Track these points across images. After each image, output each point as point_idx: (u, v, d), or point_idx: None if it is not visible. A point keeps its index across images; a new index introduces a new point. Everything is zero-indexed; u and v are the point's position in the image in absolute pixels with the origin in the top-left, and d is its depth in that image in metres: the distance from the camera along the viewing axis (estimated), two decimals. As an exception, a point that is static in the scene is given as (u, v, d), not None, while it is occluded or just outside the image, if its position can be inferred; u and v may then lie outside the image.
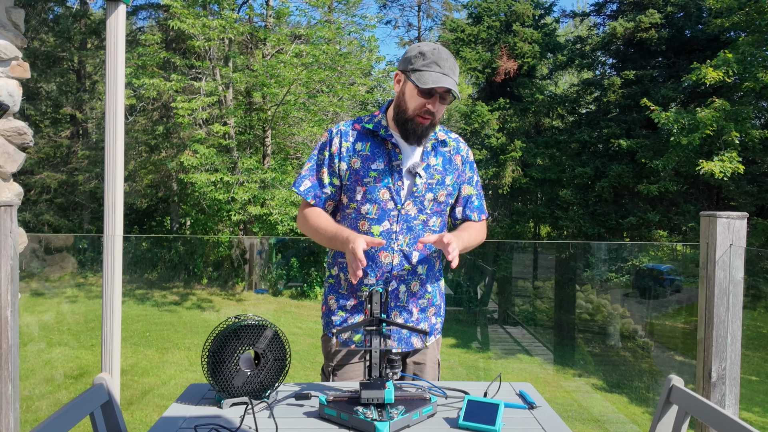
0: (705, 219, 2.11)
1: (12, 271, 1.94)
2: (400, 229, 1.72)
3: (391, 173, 1.73)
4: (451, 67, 1.66)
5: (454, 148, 1.84)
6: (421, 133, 1.71)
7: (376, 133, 1.77)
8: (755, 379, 8.67)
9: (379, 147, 1.76)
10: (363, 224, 1.74)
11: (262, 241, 13.18)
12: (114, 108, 3.07)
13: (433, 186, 1.76)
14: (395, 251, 1.72)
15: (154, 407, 6.05)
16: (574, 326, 10.95)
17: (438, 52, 1.67)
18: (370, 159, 1.74)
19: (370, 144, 1.76)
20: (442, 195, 1.78)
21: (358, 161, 1.74)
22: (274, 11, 14.07)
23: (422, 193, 1.74)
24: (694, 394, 1.49)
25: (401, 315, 1.77)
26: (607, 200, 14.27)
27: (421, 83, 1.63)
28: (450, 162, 1.81)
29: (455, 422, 1.40)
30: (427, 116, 1.69)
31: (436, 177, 1.77)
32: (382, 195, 1.72)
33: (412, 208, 1.73)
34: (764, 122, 13.40)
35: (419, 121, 1.69)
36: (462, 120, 17.36)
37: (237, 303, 12.37)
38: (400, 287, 1.74)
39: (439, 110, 1.71)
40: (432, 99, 1.67)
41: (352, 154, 1.75)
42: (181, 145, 14.29)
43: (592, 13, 17.30)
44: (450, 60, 1.67)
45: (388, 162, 1.74)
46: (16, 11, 2.97)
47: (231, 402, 1.49)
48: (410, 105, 1.70)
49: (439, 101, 1.69)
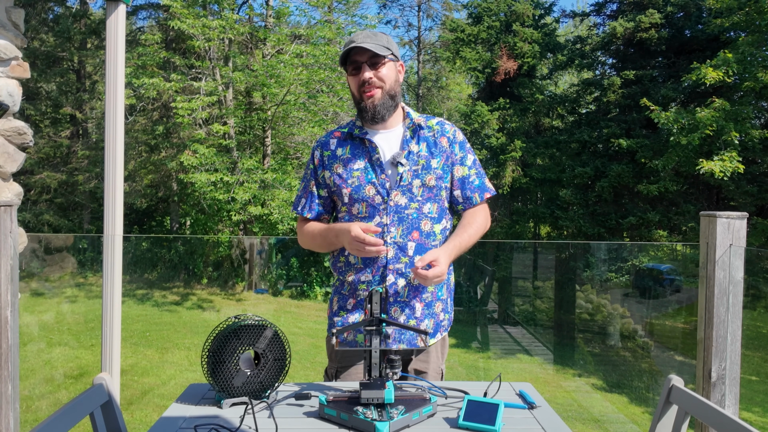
0: (705, 219, 2.11)
1: (12, 271, 1.94)
2: (391, 221, 1.71)
3: (373, 168, 1.74)
4: (367, 35, 1.73)
5: (438, 131, 1.81)
6: (373, 106, 1.74)
7: (353, 135, 1.79)
8: (755, 379, 8.67)
9: (359, 148, 1.78)
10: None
11: (262, 241, 13.18)
12: (114, 108, 3.07)
13: (418, 172, 1.74)
14: (389, 244, 1.71)
15: (154, 407, 6.05)
16: (574, 326, 10.95)
17: (354, 34, 1.77)
18: (351, 161, 1.77)
19: (350, 147, 1.79)
20: (430, 179, 1.75)
21: (340, 166, 1.77)
22: (274, 11, 14.07)
23: (408, 181, 1.73)
24: (694, 394, 1.49)
25: (403, 312, 1.73)
26: (607, 200, 14.27)
27: (342, 62, 1.76)
28: (435, 145, 1.79)
29: (455, 422, 1.40)
30: (367, 88, 1.73)
31: (420, 162, 1.75)
32: (368, 191, 1.73)
33: (401, 198, 1.72)
34: (764, 122, 13.40)
35: (366, 95, 1.74)
36: (462, 120, 17.36)
37: (237, 303, 12.37)
38: (398, 281, 1.71)
39: (378, 76, 1.73)
40: (360, 71, 1.73)
41: (334, 160, 1.79)
42: (181, 145, 14.28)
43: (592, 13, 17.29)
44: (366, 32, 1.76)
45: (368, 159, 1.75)
46: (16, 11, 2.97)
47: (231, 402, 1.49)
48: (353, 89, 1.79)
49: (371, 68, 1.72)
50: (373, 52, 1.69)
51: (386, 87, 1.74)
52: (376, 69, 1.72)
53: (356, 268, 1.75)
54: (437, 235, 1.76)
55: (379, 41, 1.72)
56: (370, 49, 1.69)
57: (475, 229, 1.79)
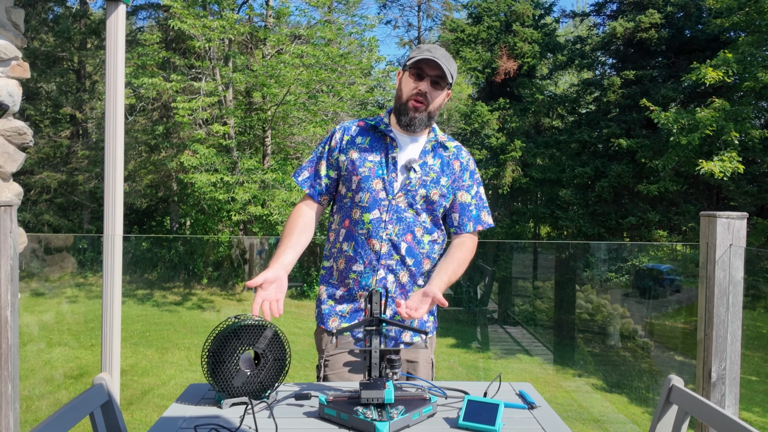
0: (705, 219, 2.11)
1: (12, 271, 1.94)
2: (390, 218, 1.75)
3: (387, 165, 1.77)
4: (444, 54, 1.75)
5: (454, 154, 1.86)
6: (413, 117, 1.75)
7: (376, 128, 1.82)
8: (755, 379, 8.67)
9: (378, 141, 1.81)
10: (355, 212, 1.77)
11: (262, 241, 13.18)
12: (114, 108, 3.07)
13: (427, 183, 1.77)
14: (383, 240, 1.74)
15: (154, 407, 6.05)
16: (574, 326, 10.94)
17: (433, 45, 1.76)
18: (368, 151, 1.80)
19: (370, 138, 1.82)
20: (435, 194, 1.78)
21: (356, 153, 1.80)
22: (274, 11, 14.07)
23: (415, 188, 1.76)
24: (693, 394, 1.49)
25: (390, 306, 1.74)
26: (607, 200, 14.27)
27: (409, 61, 1.74)
28: (448, 165, 1.83)
29: (455, 422, 1.40)
30: (419, 98, 1.74)
31: (431, 175, 1.78)
32: (375, 185, 1.75)
33: (402, 201, 1.76)
34: (764, 122, 13.40)
35: (412, 104, 1.75)
36: (462, 120, 17.36)
37: (237, 303, 12.37)
38: (388, 276, 1.75)
39: (432, 95, 1.75)
40: (423, 81, 1.74)
41: (352, 146, 1.81)
42: (181, 145, 14.28)
43: (592, 13, 17.31)
44: (443, 51, 1.76)
45: (384, 155, 1.78)
46: (16, 11, 2.97)
47: (231, 402, 1.49)
48: (404, 90, 1.78)
49: (432, 86, 1.74)
50: (443, 72, 1.72)
51: (432, 108, 1.77)
52: (435, 88, 1.75)
53: (347, 256, 1.78)
54: (426, 245, 1.80)
55: (451, 67, 1.75)
56: (442, 69, 1.71)
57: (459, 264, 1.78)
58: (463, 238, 1.85)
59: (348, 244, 1.77)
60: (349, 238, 1.78)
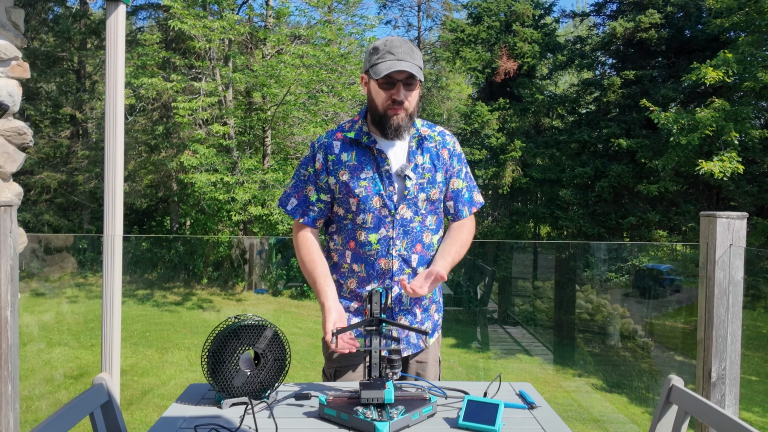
0: (705, 219, 2.11)
1: (12, 271, 1.94)
2: (397, 234, 1.72)
3: (381, 180, 1.72)
4: (406, 51, 1.65)
5: (440, 142, 1.81)
6: (397, 125, 1.69)
7: (360, 142, 1.75)
8: (755, 379, 8.66)
9: (365, 154, 1.74)
10: (360, 234, 1.73)
11: (262, 241, 13.17)
12: (114, 108, 3.07)
13: (424, 186, 1.75)
14: (394, 257, 1.72)
15: (154, 407, 6.05)
16: (573, 326, 10.94)
17: (390, 42, 1.67)
18: (358, 169, 1.73)
19: (356, 153, 1.74)
20: (434, 193, 1.77)
21: (346, 173, 1.73)
22: (274, 11, 14.07)
23: (414, 194, 1.73)
24: (693, 394, 1.49)
25: (406, 318, 1.78)
26: (606, 200, 14.27)
27: (377, 75, 1.63)
28: (438, 157, 1.79)
29: (455, 422, 1.40)
30: (396, 107, 1.67)
31: (426, 176, 1.76)
32: (375, 203, 1.71)
33: (406, 212, 1.73)
34: (764, 122, 13.39)
35: (391, 114, 1.68)
36: (462, 120, 17.35)
37: (237, 303, 12.36)
38: (402, 292, 1.74)
39: (408, 98, 1.68)
40: (395, 88, 1.66)
41: (339, 166, 1.74)
42: (181, 145, 14.28)
43: (592, 13, 17.30)
44: (404, 46, 1.66)
45: (376, 169, 1.73)
46: (16, 11, 2.97)
47: (231, 402, 1.49)
48: (378, 101, 1.69)
49: (405, 88, 1.66)
50: (411, 72, 1.64)
51: (410, 109, 1.71)
52: (408, 90, 1.68)
53: (359, 277, 1.76)
54: (435, 245, 1.80)
55: (416, 60, 1.66)
56: (411, 71, 1.63)
57: (462, 245, 1.82)
58: (462, 221, 1.86)
59: (358, 265, 1.75)
60: (358, 260, 1.75)
